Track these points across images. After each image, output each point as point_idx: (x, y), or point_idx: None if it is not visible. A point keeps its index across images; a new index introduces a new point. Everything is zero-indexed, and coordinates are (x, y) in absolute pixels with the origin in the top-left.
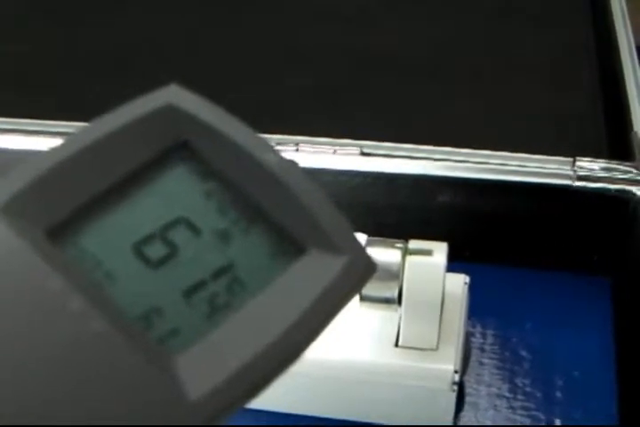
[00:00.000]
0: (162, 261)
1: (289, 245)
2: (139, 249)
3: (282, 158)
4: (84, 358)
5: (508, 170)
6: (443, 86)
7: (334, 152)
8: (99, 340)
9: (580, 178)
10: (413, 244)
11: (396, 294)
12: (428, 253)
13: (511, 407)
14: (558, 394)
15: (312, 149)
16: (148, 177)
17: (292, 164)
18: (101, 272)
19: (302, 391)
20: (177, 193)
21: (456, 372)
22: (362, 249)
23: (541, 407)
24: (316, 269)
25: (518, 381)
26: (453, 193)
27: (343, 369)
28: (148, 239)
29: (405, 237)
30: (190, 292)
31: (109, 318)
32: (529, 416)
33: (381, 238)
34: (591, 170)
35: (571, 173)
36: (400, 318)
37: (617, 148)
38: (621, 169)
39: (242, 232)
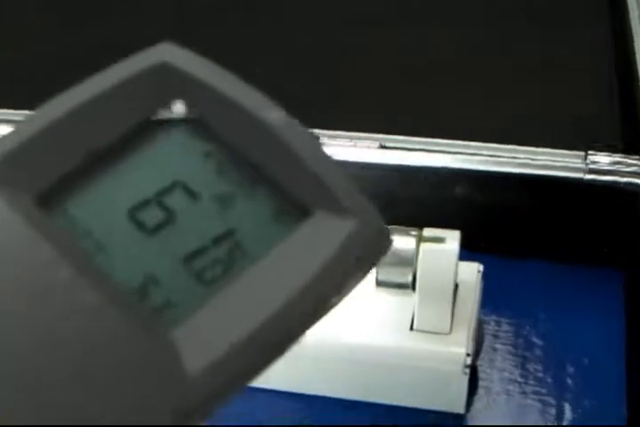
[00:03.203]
0: (158, 228)
1: (293, 208)
2: (133, 215)
3: (284, 117)
4: (75, 330)
5: (521, 163)
6: (460, 85)
7: (354, 145)
8: (91, 311)
9: (592, 171)
10: (427, 231)
11: (410, 279)
12: (441, 240)
13: (523, 392)
14: (569, 380)
15: (334, 142)
16: (141, 139)
17: (295, 123)
18: (93, 241)
19: (317, 373)
20: (173, 156)
21: (468, 355)
22: (372, 211)
23: (552, 393)
24: (322, 232)
25: (530, 367)
26: (468, 185)
27: (359, 351)
28: (142, 205)
29: (421, 226)
30: (189, 259)
31: (102, 288)
32: (540, 401)
33: (397, 226)
34: (603, 164)
35: (582, 166)
36: (415, 302)
37: (630, 142)
38: (632, 163)
39: (243, 195)
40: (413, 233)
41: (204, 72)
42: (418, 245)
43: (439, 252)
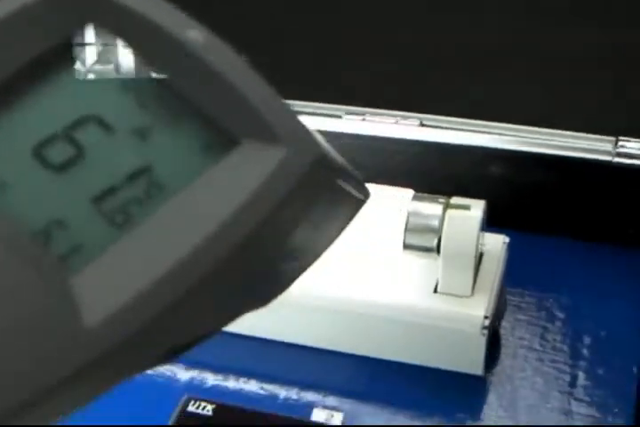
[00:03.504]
0: (66, 165)
1: (219, 138)
2: (39, 152)
3: (207, 36)
4: None
5: (553, 145)
6: (506, 73)
7: (396, 122)
8: None
9: (620, 155)
10: (454, 200)
11: (435, 243)
12: (467, 207)
13: (540, 359)
14: (584, 351)
15: (377, 120)
16: (49, 69)
17: (220, 43)
18: None
19: (342, 329)
20: (86, 86)
21: (486, 317)
22: (311, 140)
23: (568, 361)
24: (248, 164)
25: (549, 337)
26: (502, 164)
27: (385, 310)
28: (49, 140)
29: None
30: (99, 199)
31: (0, 231)
32: (555, 368)
33: (426, 194)
34: (631, 148)
35: (611, 150)
36: (439, 266)
37: None
38: None
39: (164, 127)
40: (441, 200)
41: None
42: (444, 212)
43: (464, 218)
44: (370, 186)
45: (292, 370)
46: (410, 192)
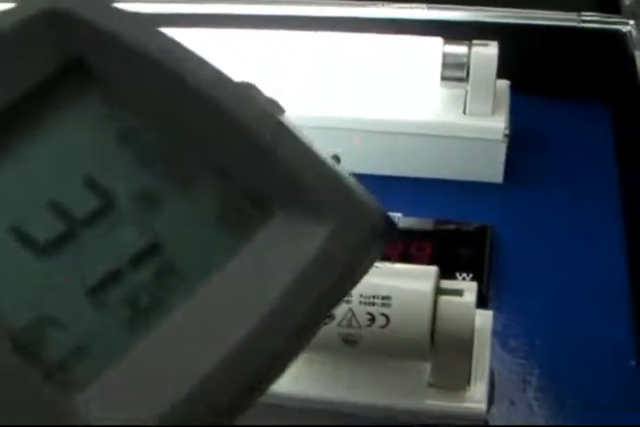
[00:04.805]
0: (55, 245)
1: (246, 208)
2: (18, 228)
3: (221, 76)
4: None
5: (532, 16)
6: None
7: (410, 8)
8: None
9: (583, 21)
10: (476, 41)
11: (464, 74)
12: (486, 44)
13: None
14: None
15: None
16: (30, 117)
17: (232, 82)
18: None
19: (382, 150)
20: (74, 140)
21: (506, 128)
22: (359, 205)
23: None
24: (288, 242)
25: (551, 156)
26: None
27: (415, 127)
28: (33, 213)
29: None
30: (99, 289)
31: None
32: (561, 182)
33: (452, 40)
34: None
35: (577, 17)
36: (466, 92)
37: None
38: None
39: (174, 193)
40: (466, 42)
41: (109, 19)
42: (469, 50)
43: (485, 54)
44: (403, 37)
45: None
46: (439, 40)
